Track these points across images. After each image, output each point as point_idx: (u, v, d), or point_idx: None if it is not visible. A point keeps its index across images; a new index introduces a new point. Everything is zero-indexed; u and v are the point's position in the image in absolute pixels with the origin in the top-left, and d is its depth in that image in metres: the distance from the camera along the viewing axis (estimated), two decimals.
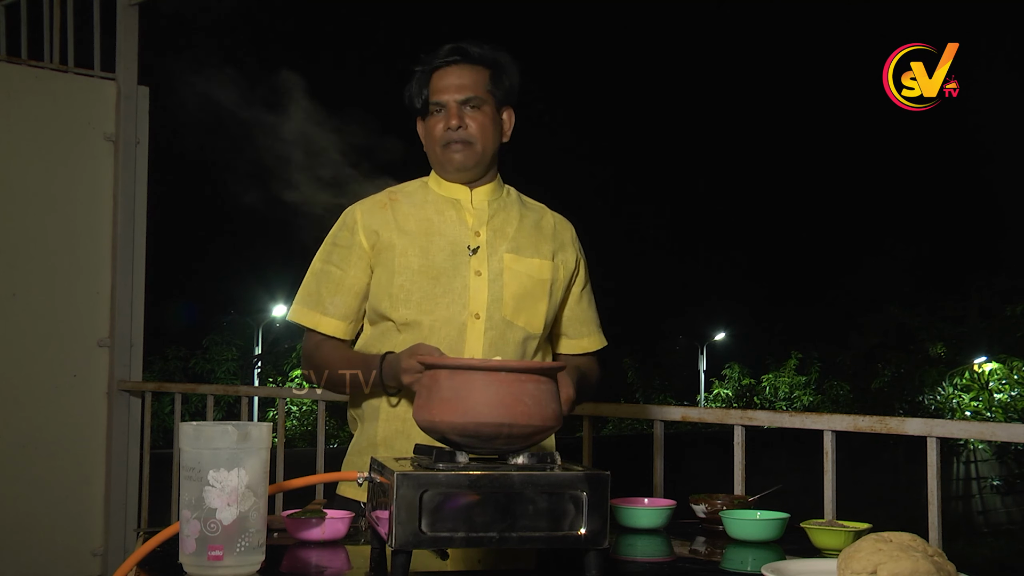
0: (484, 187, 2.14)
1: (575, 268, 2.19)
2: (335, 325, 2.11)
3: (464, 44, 2.11)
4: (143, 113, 4.36)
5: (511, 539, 1.38)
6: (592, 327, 2.25)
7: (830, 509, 2.47)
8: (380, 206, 2.12)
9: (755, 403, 23.90)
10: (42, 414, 4.04)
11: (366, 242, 2.09)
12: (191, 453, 1.44)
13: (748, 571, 1.71)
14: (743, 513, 1.95)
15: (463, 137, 2.07)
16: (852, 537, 1.77)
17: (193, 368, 21.07)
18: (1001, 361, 18.56)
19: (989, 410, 17.98)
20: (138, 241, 4.31)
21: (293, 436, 18.19)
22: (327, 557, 1.68)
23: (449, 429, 1.46)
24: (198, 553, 1.42)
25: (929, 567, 1.29)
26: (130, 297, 4.28)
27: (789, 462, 8.52)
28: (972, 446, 18.20)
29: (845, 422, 2.51)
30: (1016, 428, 2.60)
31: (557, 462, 1.46)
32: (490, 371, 1.46)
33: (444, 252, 2.07)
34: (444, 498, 1.37)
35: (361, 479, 1.62)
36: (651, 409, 3.09)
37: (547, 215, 2.21)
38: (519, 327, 2.07)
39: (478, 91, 2.09)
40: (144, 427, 4.31)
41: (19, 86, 4.05)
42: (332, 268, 2.12)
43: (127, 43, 4.31)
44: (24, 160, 4.05)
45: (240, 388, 4.34)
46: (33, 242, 4.07)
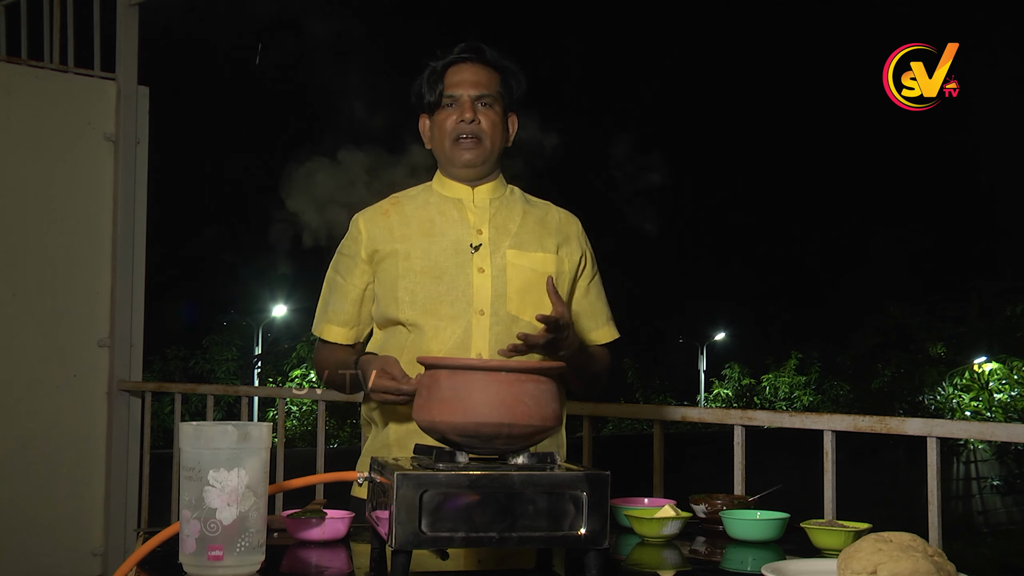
0: (486, 185, 2.16)
1: (580, 261, 2.19)
2: (336, 331, 2.18)
3: (477, 43, 2.15)
4: (143, 113, 4.36)
5: (511, 539, 1.38)
6: (602, 319, 2.24)
7: (830, 509, 2.47)
8: (381, 213, 2.16)
9: (755, 403, 23.88)
10: (42, 414, 4.04)
11: (365, 251, 2.14)
12: (191, 453, 1.44)
13: (748, 571, 1.71)
14: (743, 513, 1.95)
15: (474, 131, 2.10)
16: (852, 537, 1.77)
17: (193, 368, 21.05)
18: (1001, 361, 18.54)
19: (989, 410, 17.97)
20: (138, 241, 4.31)
21: (293, 436, 18.17)
22: (327, 557, 1.68)
23: (449, 429, 1.46)
24: (198, 553, 1.42)
25: (929, 567, 1.29)
26: (130, 297, 4.28)
27: (789, 462, 8.51)
28: (972, 446, 18.19)
29: (845, 422, 2.51)
30: (1016, 428, 2.60)
31: (557, 462, 1.46)
32: (490, 371, 1.46)
33: (447, 251, 2.09)
34: (444, 498, 1.37)
35: (361, 479, 1.63)
36: (651, 409, 3.09)
37: (552, 211, 2.22)
38: (525, 322, 2.07)
39: (491, 90, 2.12)
40: (144, 427, 4.31)
41: (19, 86, 4.05)
42: (338, 277, 2.19)
43: (127, 43, 4.32)
44: (24, 160, 4.05)
45: (240, 388, 4.34)
46: (33, 242, 4.07)
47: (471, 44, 2.14)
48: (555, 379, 1.55)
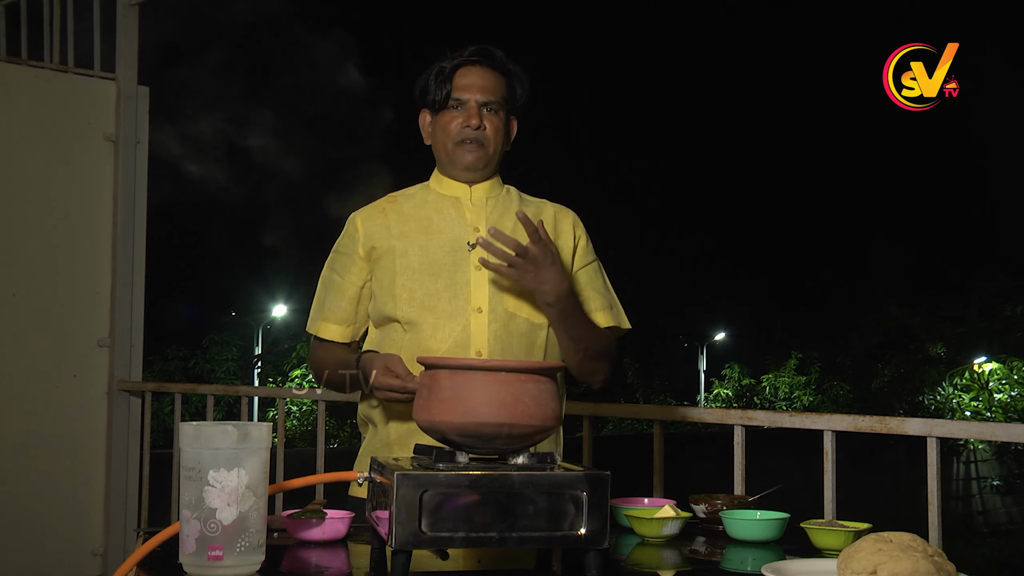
0: (483, 184, 2.17)
1: (574, 250, 2.19)
2: (332, 329, 2.18)
3: (487, 47, 2.16)
4: (143, 113, 4.36)
5: (511, 539, 1.38)
6: (599, 304, 2.18)
7: (830, 509, 2.47)
8: (379, 211, 2.17)
9: (755, 403, 23.86)
10: (42, 414, 4.04)
11: (362, 249, 2.14)
12: (191, 453, 1.44)
13: (748, 571, 1.71)
14: (743, 513, 1.95)
15: (478, 137, 2.11)
16: (852, 537, 1.77)
17: (193, 368, 21.03)
18: (1001, 361, 18.55)
19: (989, 410, 17.97)
20: (138, 241, 4.31)
21: (293, 436, 18.16)
22: (327, 557, 1.68)
23: (449, 429, 1.46)
24: (198, 553, 1.42)
25: (929, 567, 1.29)
26: (130, 297, 4.28)
27: (789, 462, 8.51)
28: (972, 446, 18.18)
29: (845, 422, 2.51)
30: (1016, 428, 2.60)
31: (557, 462, 1.46)
32: (490, 371, 1.46)
33: (444, 249, 2.09)
34: (444, 498, 1.37)
35: (361, 479, 1.63)
36: (651, 409, 3.09)
37: (547, 207, 2.22)
38: (523, 318, 2.07)
39: (497, 96, 2.13)
40: (144, 427, 4.31)
41: (19, 86, 4.05)
42: (335, 275, 2.19)
43: (127, 43, 4.31)
44: (24, 160, 4.05)
45: (240, 388, 4.34)
46: (33, 242, 4.07)
47: (482, 48, 2.15)
48: (555, 379, 1.55)
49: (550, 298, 2.00)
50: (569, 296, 2.04)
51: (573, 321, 2.06)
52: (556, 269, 1.99)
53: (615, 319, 2.19)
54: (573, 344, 2.08)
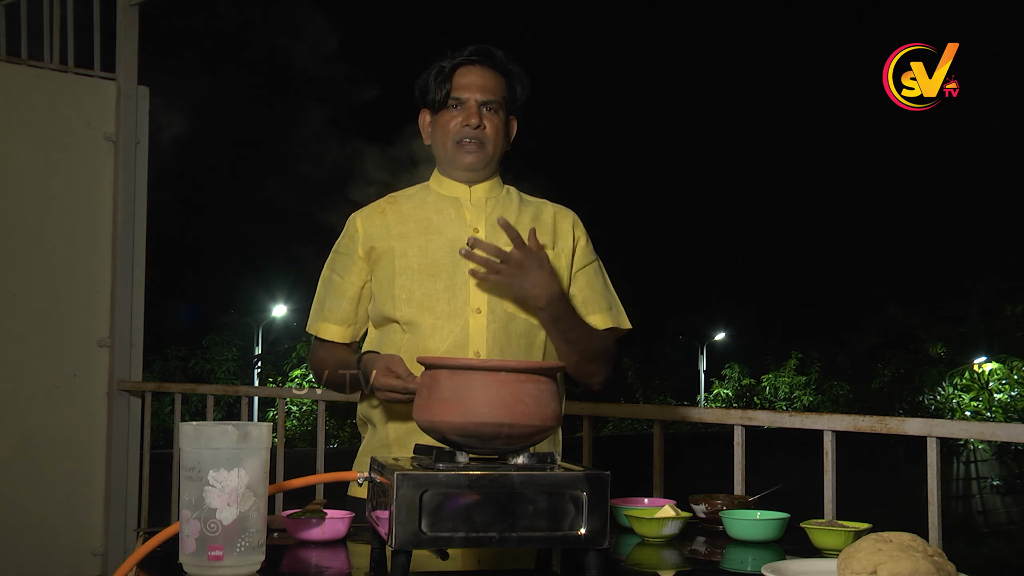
0: (483, 184, 2.17)
1: (573, 250, 2.19)
2: (332, 330, 2.19)
3: (488, 47, 2.15)
4: (143, 113, 4.36)
5: (511, 539, 1.38)
6: (599, 305, 2.17)
7: (830, 509, 2.47)
8: (378, 211, 2.17)
9: (755, 403, 23.88)
10: (42, 414, 4.04)
11: (362, 249, 2.14)
12: (191, 453, 1.44)
13: (748, 571, 1.71)
14: (743, 513, 1.95)
15: (478, 136, 2.11)
16: (852, 537, 1.77)
17: (193, 368, 21.03)
18: (1001, 361, 18.55)
19: (989, 410, 17.97)
20: (138, 241, 4.31)
21: (293, 436, 18.16)
22: (327, 557, 1.68)
23: (449, 429, 1.46)
24: (198, 553, 1.42)
25: (929, 567, 1.29)
26: (130, 297, 4.28)
27: (789, 462, 8.51)
28: (972, 446, 18.18)
29: (845, 422, 2.51)
30: (1016, 428, 2.60)
31: (557, 462, 1.46)
32: (490, 371, 1.46)
33: (443, 249, 2.09)
34: (444, 498, 1.37)
35: (361, 479, 1.63)
36: (651, 409, 3.09)
37: (547, 208, 2.22)
38: (522, 319, 2.07)
39: (497, 95, 2.13)
40: (144, 427, 4.32)
41: (19, 86, 4.05)
42: (335, 275, 2.19)
43: (127, 43, 4.32)
44: (24, 160, 4.05)
45: (240, 388, 4.34)
46: (33, 242, 4.07)
47: (482, 47, 2.15)
48: (555, 379, 1.55)
49: (540, 302, 2.00)
50: (560, 300, 2.03)
51: (566, 324, 2.06)
52: (544, 273, 1.99)
53: (615, 320, 2.19)
54: (568, 347, 2.08)
